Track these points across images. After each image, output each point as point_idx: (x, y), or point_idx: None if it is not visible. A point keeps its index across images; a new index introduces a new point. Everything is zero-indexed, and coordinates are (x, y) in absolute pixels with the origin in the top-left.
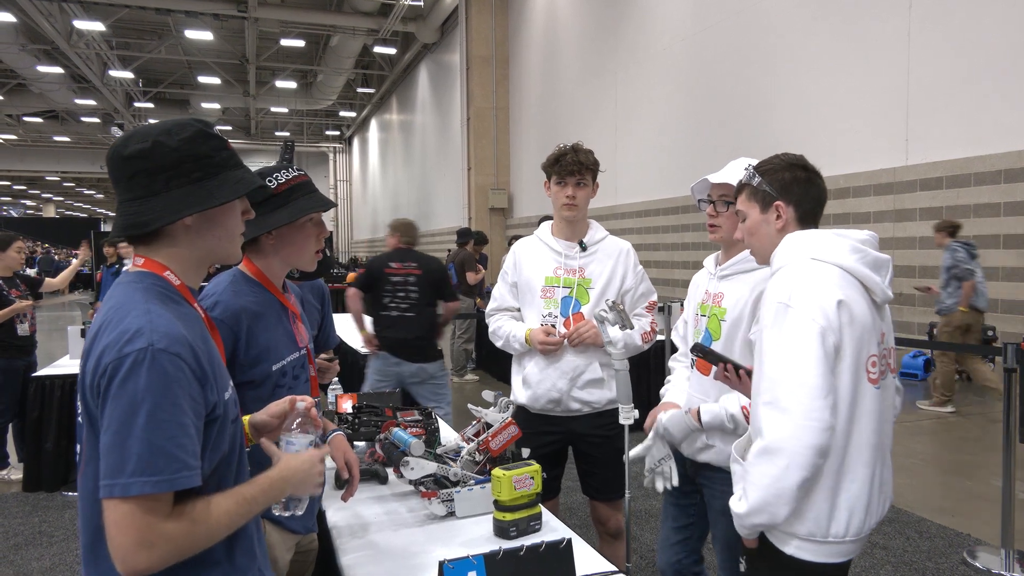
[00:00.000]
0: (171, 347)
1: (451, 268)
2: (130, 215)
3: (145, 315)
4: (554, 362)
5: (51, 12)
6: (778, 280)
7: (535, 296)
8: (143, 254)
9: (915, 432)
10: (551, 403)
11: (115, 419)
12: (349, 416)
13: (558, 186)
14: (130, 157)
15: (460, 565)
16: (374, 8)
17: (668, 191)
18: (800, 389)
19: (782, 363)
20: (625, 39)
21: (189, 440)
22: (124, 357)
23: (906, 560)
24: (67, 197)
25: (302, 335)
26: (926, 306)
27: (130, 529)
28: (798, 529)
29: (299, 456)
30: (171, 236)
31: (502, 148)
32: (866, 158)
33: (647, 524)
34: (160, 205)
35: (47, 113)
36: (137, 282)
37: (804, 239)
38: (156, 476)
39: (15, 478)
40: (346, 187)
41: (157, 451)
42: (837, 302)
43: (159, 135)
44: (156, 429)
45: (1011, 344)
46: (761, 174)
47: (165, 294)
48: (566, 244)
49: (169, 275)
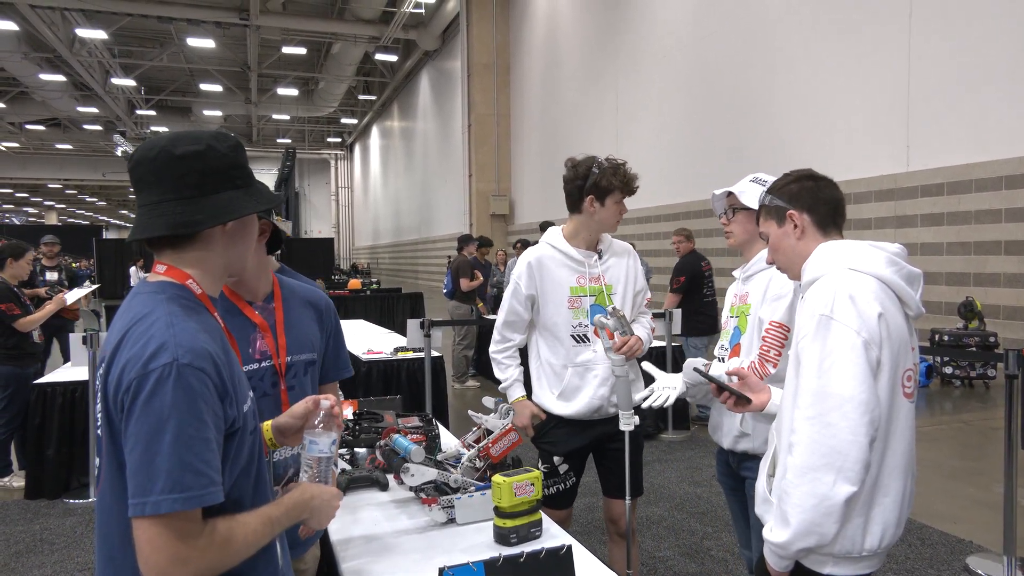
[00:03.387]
0: (195, 361)
1: (448, 274)
2: (176, 214)
3: (168, 328)
4: (594, 371)
5: (53, 20)
6: (818, 290)
7: (561, 307)
8: (168, 259)
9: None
10: (591, 410)
11: (142, 437)
12: (349, 423)
13: (618, 204)
14: (184, 157)
15: (460, 572)
16: (375, 15)
17: (668, 197)
18: (847, 404)
19: (827, 377)
20: (625, 46)
21: (213, 455)
22: (149, 373)
23: (908, 567)
24: (69, 205)
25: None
26: (928, 312)
27: (165, 547)
28: (834, 548)
29: (321, 488)
30: (207, 240)
31: (503, 154)
32: (867, 164)
33: (649, 531)
34: (210, 206)
35: (49, 121)
36: (159, 292)
37: (840, 248)
38: (185, 493)
39: (17, 485)
40: (347, 194)
41: (186, 467)
42: (878, 315)
43: (211, 140)
44: (183, 446)
45: (1012, 351)
46: (771, 192)
47: (188, 305)
48: (585, 253)
49: (191, 284)
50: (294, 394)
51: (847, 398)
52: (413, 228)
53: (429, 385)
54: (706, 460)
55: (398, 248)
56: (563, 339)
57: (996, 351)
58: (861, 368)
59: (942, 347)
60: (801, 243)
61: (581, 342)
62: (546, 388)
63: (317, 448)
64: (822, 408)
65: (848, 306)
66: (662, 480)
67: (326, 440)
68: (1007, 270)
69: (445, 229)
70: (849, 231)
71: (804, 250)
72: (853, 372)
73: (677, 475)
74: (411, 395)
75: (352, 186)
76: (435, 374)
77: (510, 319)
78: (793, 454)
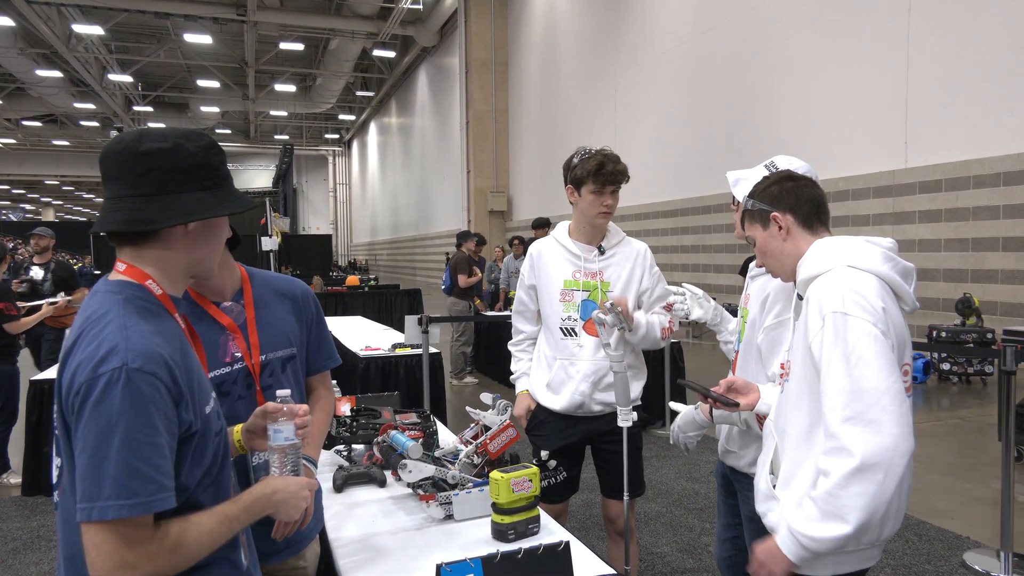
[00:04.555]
0: (146, 366)
1: (447, 271)
2: (134, 211)
3: (121, 331)
4: (577, 367)
5: (50, 16)
6: (822, 288)
7: (553, 300)
8: (128, 257)
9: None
10: (574, 405)
11: (90, 441)
12: (347, 419)
13: (594, 194)
14: (147, 153)
15: (458, 568)
16: (373, 12)
17: (667, 194)
18: (885, 396)
19: (857, 374)
20: (625, 43)
21: (164, 461)
22: (98, 377)
23: (905, 563)
24: (66, 201)
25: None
26: (926, 308)
27: (111, 552)
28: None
29: (288, 479)
30: (167, 240)
31: (501, 151)
32: (865, 161)
33: (647, 527)
34: (170, 205)
35: (46, 117)
36: (117, 292)
37: (836, 245)
38: (133, 499)
39: (14, 482)
40: (345, 190)
41: (133, 473)
42: (883, 309)
43: (179, 138)
44: (132, 451)
45: (1010, 346)
46: (753, 196)
47: (145, 307)
48: (585, 247)
49: (151, 284)
50: (271, 394)
51: (882, 391)
52: (411, 224)
53: (427, 381)
54: (704, 456)
55: (396, 244)
56: (554, 331)
57: (993, 347)
58: (887, 358)
59: (940, 343)
60: (788, 244)
61: (569, 335)
62: (538, 378)
63: (282, 436)
64: (861, 406)
65: (860, 300)
66: (660, 476)
67: (289, 427)
68: (1005, 266)
69: (443, 226)
70: (847, 227)
71: (792, 250)
72: (880, 364)
73: (675, 471)
74: (409, 391)
75: (350, 182)
76: (433, 370)
77: (518, 308)
78: (840, 457)
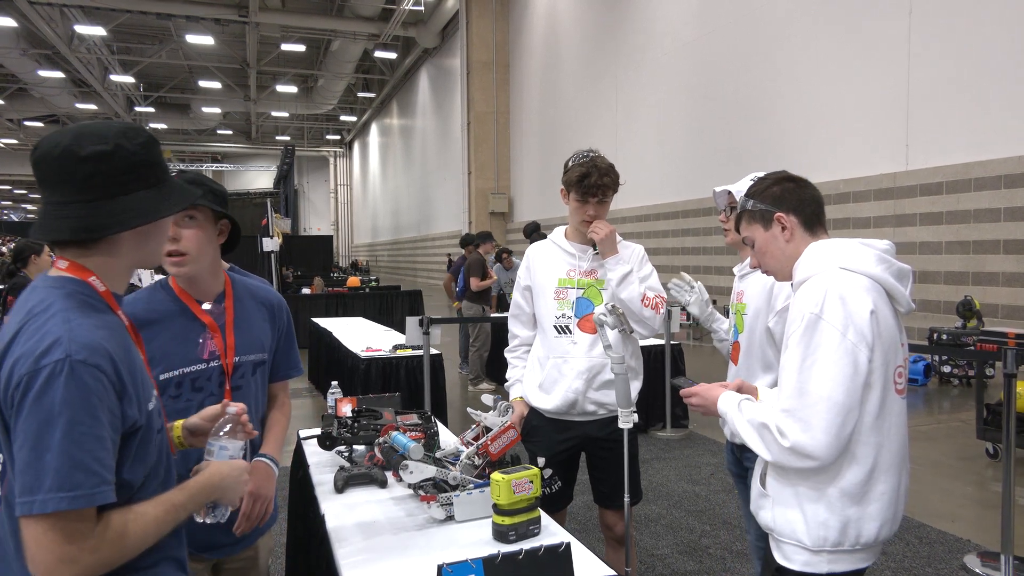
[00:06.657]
0: (90, 358)
1: (461, 274)
2: (81, 218)
3: (64, 324)
4: (571, 363)
5: (52, 17)
6: (808, 289)
7: (548, 298)
8: (71, 257)
9: (915, 437)
10: (567, 404)
11: (31, 434)
12: (348, 420)
13: (578, 203)
14: (89, 158)
15: (459, 568)
16: (375, 13)
17: (668, 196)
18: (822, 403)
19: (808, 375)
20: (626, 44)
21: (107, 454)
22: (40, 369)
23: (906, 566)
24: None
25: (214, 347)
26: (927, 311)
27: (51, 546)
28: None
29: (230, 463)
30: (116, 242)
31: (502, 152)
32: (866, 163)
33: (647, 529)
34: (118, 209)
35: (48, 118)
36: (58, 287)
37: (830, 248)
38: (74, 491)
39: None
40: (346, 191)
41: (76, 465)
42: (870, 312)
43: (118, 138)
44: (74, 443)
45: (1010, 349)
46: (752, 196)
47: (88, 302)
48: (580, 247)
49: (94, 281)
50: (239, 394)
51: (823, 398)
52: (412, 226)
53: (428, 382)
54: (704, 458)
55: (397, 246)
56: (547, 330)
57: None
58: (843, 370)
59: (941, 346)
60: (791, 245)
61: (562, 333)
62: (531, 379)
63: (227, 454)
64: (797, 404)
65: (838, 306)
66: (660, 478)
67: (235, 445)
68: (1006, 269)
69: (444, 227)
70: (848, 230)
71: (794, 251)
72: (832, 373)
73: (675, 473)
74: (410, 392)
75: (351, 183)
76: (434, 371)
77: (513, 311)
78: (782, 433)
